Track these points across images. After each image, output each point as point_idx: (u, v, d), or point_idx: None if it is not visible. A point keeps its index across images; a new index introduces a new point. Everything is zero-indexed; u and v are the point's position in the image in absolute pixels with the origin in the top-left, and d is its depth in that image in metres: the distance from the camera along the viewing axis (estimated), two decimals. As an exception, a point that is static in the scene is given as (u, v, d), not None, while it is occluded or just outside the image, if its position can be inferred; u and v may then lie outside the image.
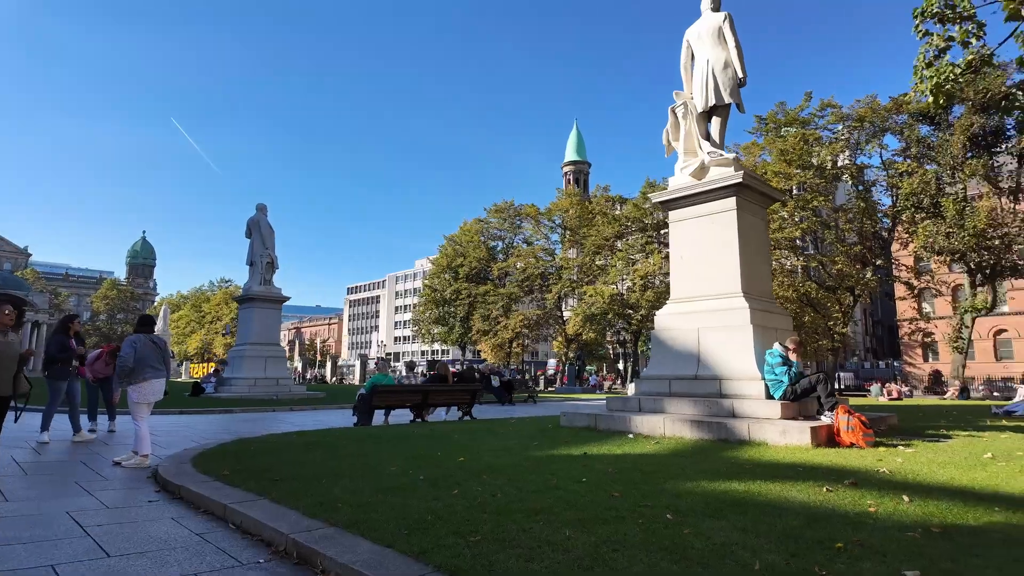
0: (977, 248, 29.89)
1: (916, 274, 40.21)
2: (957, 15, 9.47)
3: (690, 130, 9.62)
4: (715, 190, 9.00)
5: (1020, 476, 5.20)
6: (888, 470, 5.42)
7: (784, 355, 7.85)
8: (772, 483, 4.96)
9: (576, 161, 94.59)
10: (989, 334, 52.73)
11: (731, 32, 9.55)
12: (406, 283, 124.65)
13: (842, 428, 6.92)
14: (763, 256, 10.00)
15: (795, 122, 38.40)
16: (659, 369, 9.15)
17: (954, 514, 4.01)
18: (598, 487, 4.98)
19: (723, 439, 7.24)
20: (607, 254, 47.40)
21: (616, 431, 8.17)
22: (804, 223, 37.07)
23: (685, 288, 9.26)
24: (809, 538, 3.57)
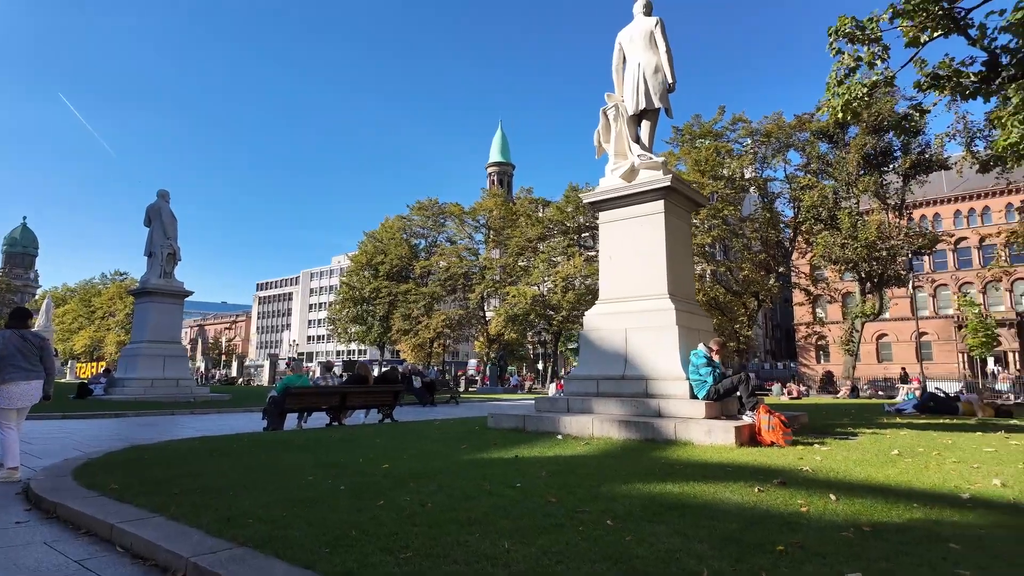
0: (867, 259, 32.51)
1: (813, 281, 43.33)
2: (866, 36, 10.09)
3: (621, 132, 9.67)
4: (644, 192, 9.09)
5: (926, 472, 5.48)
6: (810, 468, 5.57)
7: (708, 356, 8.02)
8: (705, 484, 4.94)
9: (500, 162, 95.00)
10: (873, 338, 57.75)
11: (662, 38, 9.69)
12: (322, 280, 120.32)
13: (763, 427, 7.11)
14: (687, 259, 10.23)
15: (709, 134, 40.30)
16: (587, 369, 9.12)
17: (879, 512, 4.11)
18: (533, 492, 4.77)
19: (650, 439, 7.26)
20: (530, 255, 47.79)
21: (545, 432, 8.04)
22: (715, 231, 38.99)
23: (613, 289, 9.29)
24: (750, 541, 3.51)
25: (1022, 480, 5.10)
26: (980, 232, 57.78)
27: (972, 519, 3.99)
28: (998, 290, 56.40)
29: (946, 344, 56.80)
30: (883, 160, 33.87)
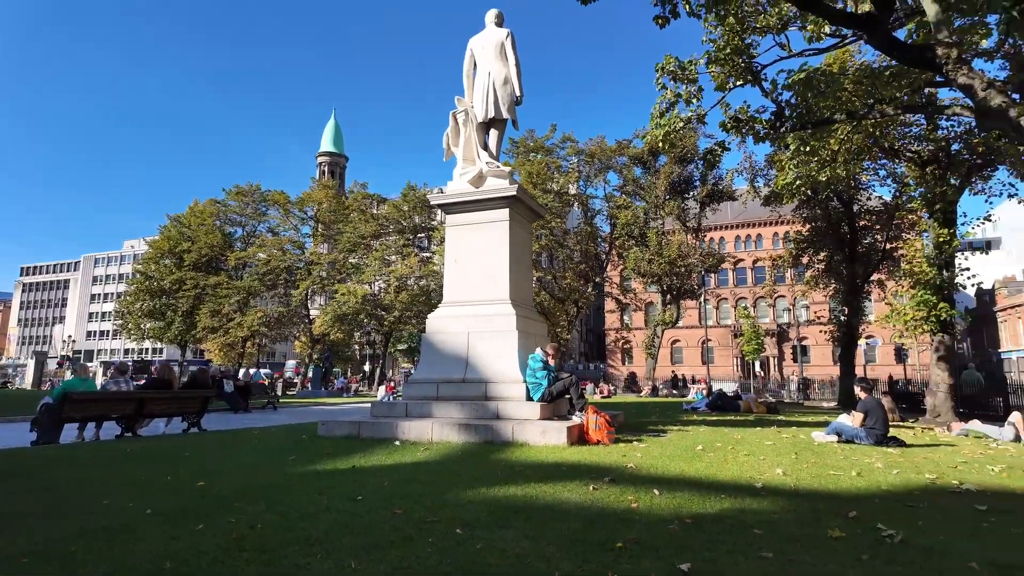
0: (669, 273, 36.76)
1: (623, 291, 47.98)
2: (685, 76, 11.35)
3: (470, 138, 9.74)
4: (491, 200, 9.25)
5: (726, 465, 6.27)
6: (634, 465, 6.06)
7: (544, 360, 8.38)
8: (546, 485, 5.12)
9: (333, 153, 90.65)
10: (669, 343, 65.26)
11: (512, 50, 9.96)
12: (110, 267, 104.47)
13: (591, 427, 7.60)
14: (528, 267, 10.62)
15: (541, 149, 42.60)
16: (428, 372, 9.01)
17: (696, 504, 4.58)
18: (377, 504, 4.55)
19: (489, 441, 7.37)
20: (362, 252, 46.19)
21: (382, 439, 7.76)
22: (543, 240, 41.19)
23: (458, 292, 9.31)
24: (593, 540, 3.69)
25: (797, 469, 6.07)
26: (754, 255, 68.70)
27: (767, 506, 4.62)
28: (765, 305, 67.30)
29: (725, 349, 66.35)
30: (685, 188, 38.65)
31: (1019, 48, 12.36)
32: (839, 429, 8.54)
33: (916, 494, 5.14)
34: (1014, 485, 5.74)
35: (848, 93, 11.74)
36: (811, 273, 28.51)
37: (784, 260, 30.69)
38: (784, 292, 63.26)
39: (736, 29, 11.22)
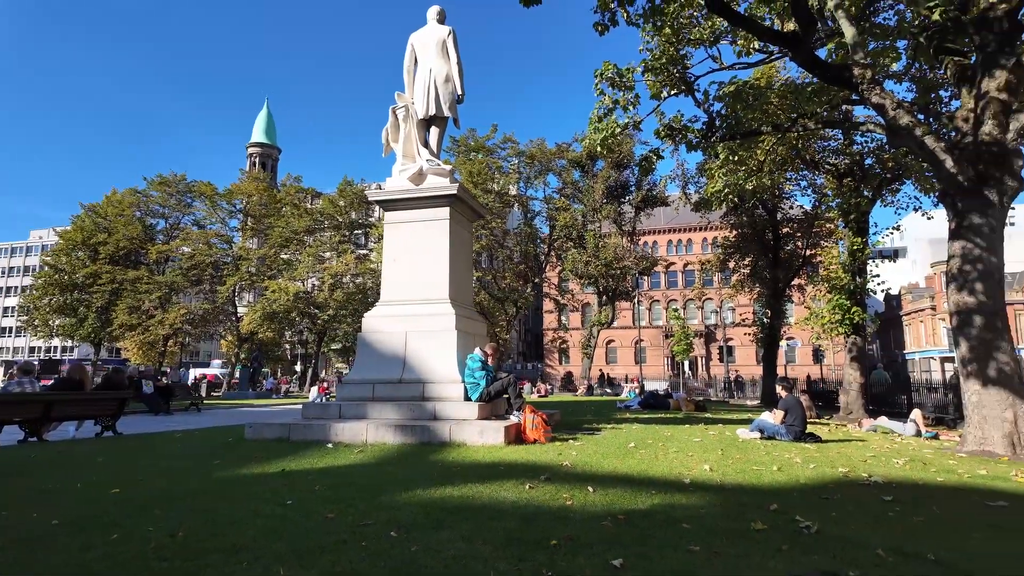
0: (605, 275, 37.59)
1: (561, 292, 48.70)
2: (623, 83, 11.64)
3: (410, 134, 9.61)
4: (432, 198, 9.16)
5: (657, 461, 6.46)
6: (569, 463, 6.16)
7: (483, 360, 8.38)
8: (483, 485, 5.11)
9: (265, 144, 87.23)
10: (604, 343, 66.69)
11: (454, 48, 9.91)
12: (15, 259, 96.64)
13: (528, 426, 7.66)
14: (468, 266, 10.58)
15: (482, 149, 42.59)
16: (364, 373, 8.81)
17: (629, 501, 4.70)
18: (308, 509, 4.42)
19: (426, 442, 7.30)
20: (295, 248, 44.68)
21: (314, 441, 7.53)
22: (483, 240, 41.21)
23: (396, 291, 9.15)
24: (529, 539, 3.72)
25: (722, 465, 6.33)
26: (685, 259, 71.31)
27: (694, 501, 4.80)
28: (694, 307, 69.95)
29: (657, 350, 68.44)
30: (621, 192, 39.65)
31: (924, 72, 13.41)
32: (761, 426, 8.98)
33: (830, 487, 5.47)
34: (915, 476, 6.21)
35: (774, 107, 12.37)
36: (737, 277, 29.92)
37: (712, 264, 32.08)
38: (712, 295, 65.98)
39: (672, 40, 11.62)
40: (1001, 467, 7.25)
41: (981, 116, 9.00)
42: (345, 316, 41.19)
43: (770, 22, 12.00)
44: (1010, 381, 8.56)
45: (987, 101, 8.95)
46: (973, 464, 7.31)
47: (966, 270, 8.94)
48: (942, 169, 8.92)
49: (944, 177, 9.07)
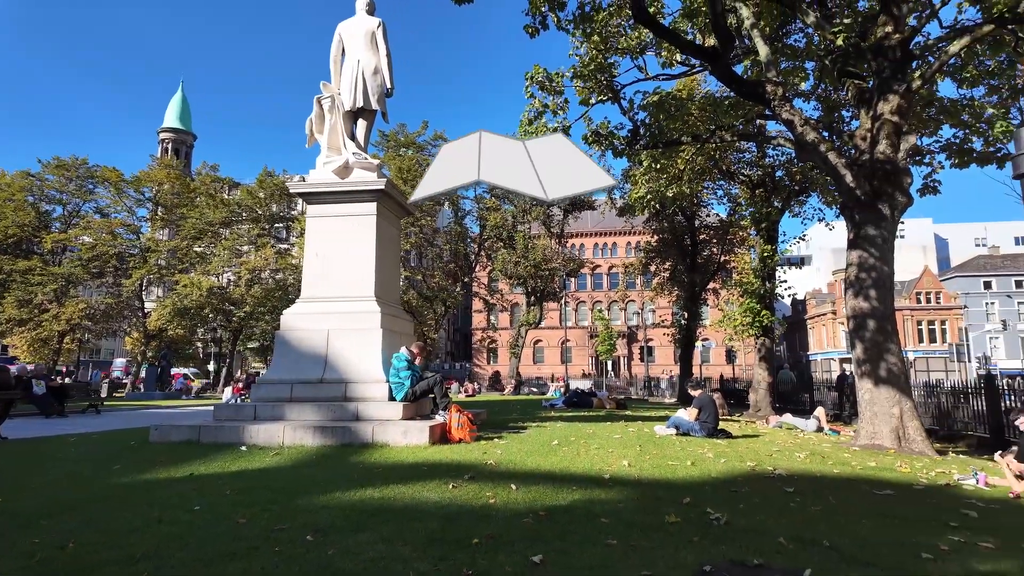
0: (534, 276, 38.05)
1: (490, 292, 48.83)
2: (553, 87, 11.82)
3: (336, 126, 9.33)
4: (358, 192, 8.92)
5: (579, 458, 6.60)
6: (494, 461, 6.18)
7: (409, 359, 8.26)
8: (405, 486, 5.04)
9: (178, 129, 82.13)
10: (532, 343, 67.47)
11: (383, 41, 9.71)
12: None
13: (453, 425, 7.62)
14: (395, 263, 10.39)
15: (412, 145, 42.01)
16: (282, 373, 8.46)
17: (550, 497, 4.78)
18: (218, 514, 4.20)
19: (348, 443, 7.11)
20: (210, 241, 42.29)
21: (227, 444, 7.15)
22: (412, 238, 40.64)
23: (318, 288, 8.85)
24: (450, 539, 3.70)
25: (640, 460, 6.55)
26: (610, 262, 73.34)
27: (613, 496, 4.94)
28: (618, 308, 72.07)
29: (582, 349, 69.98)
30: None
31: (829, 92, 14.44)
32: (677, 423, 9.36)
33: (739, 480, 5.78)
34: (814, 469, 6.67)
35: (694, 118, 12.94)
36: (657, 280, 31.12)
37: (635, 267, 33.15)
38: (635, 297, 68.18)
39: (600, 48, 11.91)
40: (889, 459, 7.91)
41: (876, 136, 9.80)
42: (263, 313, 39.38)
43: (692, 36, 12.55)
44: (898, 380, 9.37)
45: (882, 122, 9.76)
46: (865, 457, 7.94)
47: (862, 277, 9.70)
48: (842, 183, 9.64)
49: (844, 191, 9.81)
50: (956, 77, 13.01)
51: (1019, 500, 5.75)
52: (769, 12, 11.81)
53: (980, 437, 11.82)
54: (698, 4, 11.64)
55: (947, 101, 13.09)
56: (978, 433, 12.07)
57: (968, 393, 13.20)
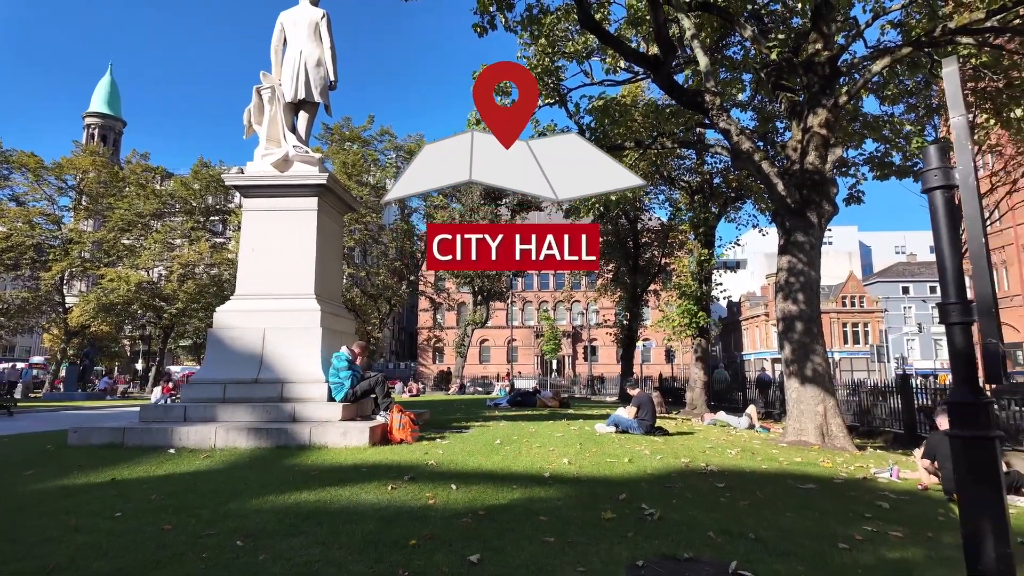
0: (481, 275, 37.98)
1: (436, 291, 48.52)
2: (500, 89, 11.84)
3: (276, 117, 9.05)
4: (299, 186, 8.68)
5: (520, 457, 6.65)
6: (435, 462, 6.15)
7: (350, 359, 8.10)
8: (342, 488, 4.95)
9: (106, 115, 77.50)
10: (478, 342, 67.44)
11: (328, 32, 9.51)
12: None
13: (395, 426, 7.53)
14: (337, 261, 10.16)
15: (358, 140, 41.23)
16: (214, 372, 8.12)
17: (490, 496, 4.80)
18: (141, 521, 4.00)
19: (284, 445, 6.91)
20: (139, 233, 40.14)
21: (154, 446, 6.82)
22: (357, 235, 39.88)
23: (254, 284, 8.54)
24: (387, 540, 3.67)
25: (580, 458, 6.66)
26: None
27: (552, 493, 5.01)
28: (563, 308, 72.98)
29: (528, 349, 70.47)
30: (498, 194, 40.28)
31: (765, 104, 15.09)
32: (617, 421, 9.58)
33: (673, 476, 5.97)
34: (744, 465, 6.96)
35: (637, 124, 13.26)
36: (601, 281, 31.70)
37: (581, 268, 33.55)
38: (580, 297, 69.23)
39: (548, 51, 12.03)
40: (813, 454, 8.35)
41: (806, 147, 10.32)
42: (197, 310, 37.70)
43: (637, 44, 12.86)
44: (822, 380, 9.89)
45: (811, 135, 10.28)
46: (792, 453, 8.35)
47: (791, 282, 10.20)
48: (775, 192, 10.09)
49: (776, 199, 10.27)
50: (879, 94, 13.89)
51: (927, 492, 6.18)
52: (710, 24, 12.23)
53: (896, 433, 12.62)
54: (642, 13, 11.94)
55: (870, 117, 13.93)
56: (894, 429, 12.87)
57: (886, 392, 14.07)
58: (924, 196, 2.76)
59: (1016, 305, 36.10)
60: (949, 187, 2.66)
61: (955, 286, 2.59)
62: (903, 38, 11.27)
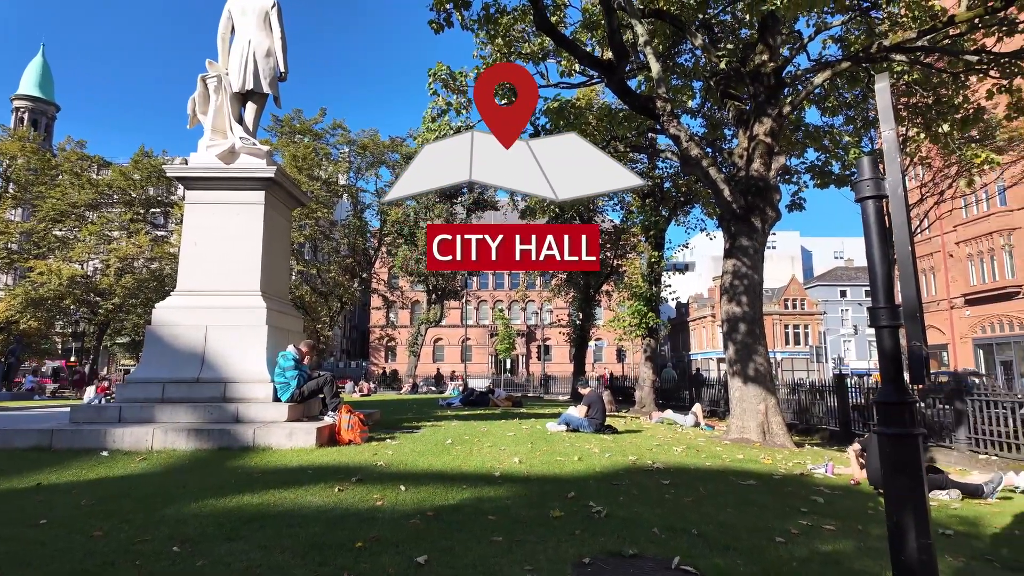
0: (435, 274, 37.70)
1: (390, 289, 47.88)
2: (456, 87, 11.80)
3: (222, 108, 8.73)
4: (245, 179, 8.39)
5: (471, 457, 6.64)
6: (384, 463, 6.07)
7: (297, 358, 7.90)
8: (286, 490, 4.83)
9: (37, 98, 73.02)
10: (431, 341, 66.89)
11: (278, 22, 9.25)
12: None
13: (343, 427, 7.39)
14: (284, 257, 9.89)
15: (309, 132, 40.24)
16: (152, 371, 7.76)
17: (439, 497, 4.77)
18: (69, 528, 3.80)
19: (226, 447, 6.68)
20: (74, 224, 38.05)
21: (85, 449, 6.48)
22: (307, 230, 38.93)
23: (197, 280, 8.20)
24: (332, 543, 3.60)
25: (531, 457, 6.70)
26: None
27: (502, 493, 5.02)
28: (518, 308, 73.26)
29: (482, 348, 70.41)
30: (454, 193, 40.08)
31: (713, 111, 15.54)
32: (568, 420, 9.68)
33: (621, 474, 6.08)
34: (689, 462, 7.16)
35: (592, 127, 13.42)
36: (555, 281, 31.99)
37: (535, 268, 33.75)
38: (534, 297, 69.59)
39: (504, 51, 12.04)
40: (754, 451, 8.65)
41: (752, 155, 10.68)
42: (135, 305, 35.98)
43: (591, 48, 13.02)
44: (764, 379, 10.26)
45: (756, 143, 10.65)
46: (734, 450, 8.63)
47: (735, 284, 10.53)
48: (721, 197, 10.41)
49: (722, 204, 10.59)
50: (820, 106, 14.50)
51: (858, 486, 6.50)
52: (662, 31, 12.51)
53: (832, 431, 13.21)
54: (597, 17, 12.10)
55: (812, 127, 14.54)
56: (830, 427, 13.47)
57: (823, 391, 14.72)
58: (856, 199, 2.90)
59: (942, 309, 38.36)
60: (880, 197, 2.80)
61: (884, 291, 2.73)
62: (843, 53, 11.81)
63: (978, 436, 9.70)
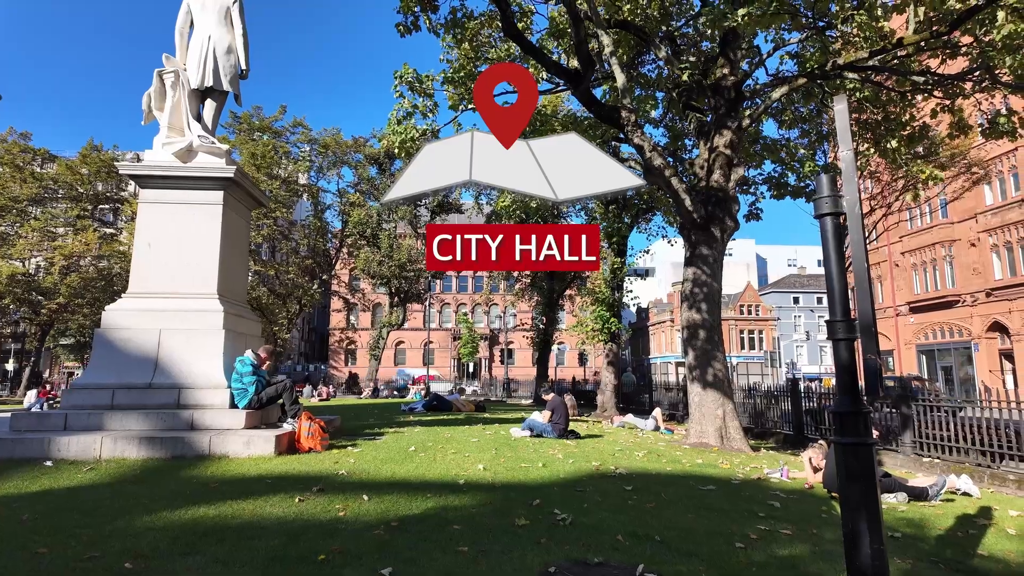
0: (398, 276, 37.33)
1: (351, 291, 47.13)
2: (423, 89, 11.72)
3: (179, 104, 8.45)
4: (203, 179, 8.13)
5: (435, 464, 6.59)
6: (346, 471, 5.96)
7: (255, 363, 7.69)
8: (245, 501, 4.69)
9: (-24, 87, 69.42)
10: (393, 344, 66.15)
11: (240, 18, 9.03)
12: None
13: (303, 434, 7.23)
14: (243, 259, 9.63)
15: (268, 130, 39.33)
16: (101, 376, 7.43)
17: (403, 506, 4.71)
18: (10, 545, 3.61)
19: (180, 456, 6.44)
20: (14, 220, 36.23)
21: (27, 458, 6.15)
22: (265, 230, 38.00)
23: (150, 282, 7.90)
24: (293, 556, 3.52)
25: (495, 464, 6.69)
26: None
27: (467, 501, 4.99)
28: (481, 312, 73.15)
29: (444, 351, 69.99)
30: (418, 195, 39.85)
31: (676, 122, 15.86)
32: (531, 425, 9.71)
33: (584, 480, 6.13)
34: (650, 467, 7.27)
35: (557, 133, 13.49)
36: (519, 285, 32.08)
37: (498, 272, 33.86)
38: (498, 300, 69.54)
39: (471, 56, 12.03)
40: (713, 456, 8.85)
41: (712, 166, 10.94)
42: (81, 305, 34.47)
43: (558, 56, 13.14)
44: (722, 385, 10.51)
45: (717, 154, 10.92)
46: (694, 454, 8.80)
47: (695, 292, 10.76)
48: (682, 206, 10.62)
49: (683, 213, 10.82)
50: (777, 119, 14.98)
51: (812, 490, 6.72)
52: (627, 42, 12.70)
53: (786, 434, 13.61)
54: (564, 26, 12.21)
55: (769, 140, 15.00)
56: (784, 431, 13.88)
57: (777, 395, 15.16)
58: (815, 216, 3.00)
59: (889, 316, 40.01)
60: (838, 214, 2.91)
61: (841, 305, 2.83)
62: (799, 69, 12.22)
63: (922, 440, 10.14)
